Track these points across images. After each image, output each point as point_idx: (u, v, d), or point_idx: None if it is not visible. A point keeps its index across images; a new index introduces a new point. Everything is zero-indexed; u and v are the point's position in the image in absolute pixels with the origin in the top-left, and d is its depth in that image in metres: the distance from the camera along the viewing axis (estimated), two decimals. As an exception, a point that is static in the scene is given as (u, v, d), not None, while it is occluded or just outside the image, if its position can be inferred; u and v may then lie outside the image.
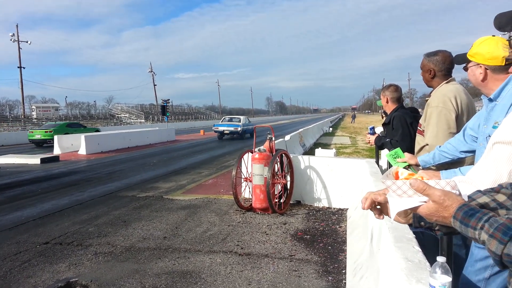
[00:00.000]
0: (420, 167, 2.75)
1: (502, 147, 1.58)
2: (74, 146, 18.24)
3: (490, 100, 2.16)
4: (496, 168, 1.56)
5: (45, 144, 21.97)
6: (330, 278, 3.72)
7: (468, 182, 1.47)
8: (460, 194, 1.07)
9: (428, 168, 2.73)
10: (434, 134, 2.95)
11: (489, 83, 2.19)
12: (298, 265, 4.05)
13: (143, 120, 62.35)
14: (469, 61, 2.27)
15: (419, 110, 4.82)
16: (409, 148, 3.55)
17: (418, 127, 3.25)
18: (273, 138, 6.45)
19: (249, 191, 6.55)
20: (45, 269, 4.08)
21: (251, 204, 6.22)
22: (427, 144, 3.01)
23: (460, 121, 2.94)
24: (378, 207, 1.29)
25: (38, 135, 22.27)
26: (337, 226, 5.39)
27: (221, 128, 24.59)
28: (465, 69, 2.34)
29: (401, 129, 4.00)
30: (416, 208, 1.09)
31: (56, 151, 17.64)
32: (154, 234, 5.16)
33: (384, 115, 5.09)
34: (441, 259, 1.31)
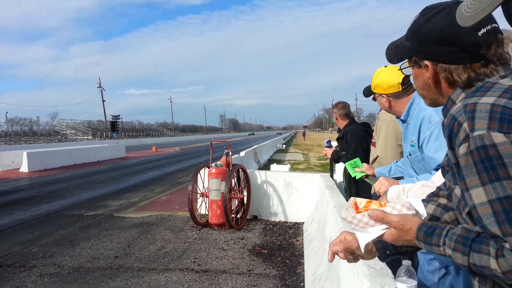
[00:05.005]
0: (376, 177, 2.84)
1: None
2: (15, 163, 17.07)
3: (403, 121, 2.35)
4: None
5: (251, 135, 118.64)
6: (289, 291, 3.69)
7: (431, 187, 1.53)
8: (417, 213, 1.08)
9: None
10: (383, 146, 3.10)
11: (395, 107, 2.41)
12: (256, 280, 3.99)
13: (91, 137, 59.87)
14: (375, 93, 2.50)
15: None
16: (363, 159, 3.66)
17: (372, 139, 3.38)
18: (230, 153, 6.41)
19: (206, 206, 6.43)
20: (-18, 294, 3.73)
21: (207, 220, 6.11)
22: (378, 156, 3.14)
23: None
24: (350, 257, 1.30)
25: (250, 133, 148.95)
26: (294, 240, 5.41)
27: (277, 132, 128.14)
28: (374, 99, 2.58)
29: (354, 142, 4.14)
30: (381, 236, 1.11)
31: (-5, 168, 16.43)
32: (104, 254, 4.90)
33: (338, 131, 5.23)
34: (406, 262, 1.33)
